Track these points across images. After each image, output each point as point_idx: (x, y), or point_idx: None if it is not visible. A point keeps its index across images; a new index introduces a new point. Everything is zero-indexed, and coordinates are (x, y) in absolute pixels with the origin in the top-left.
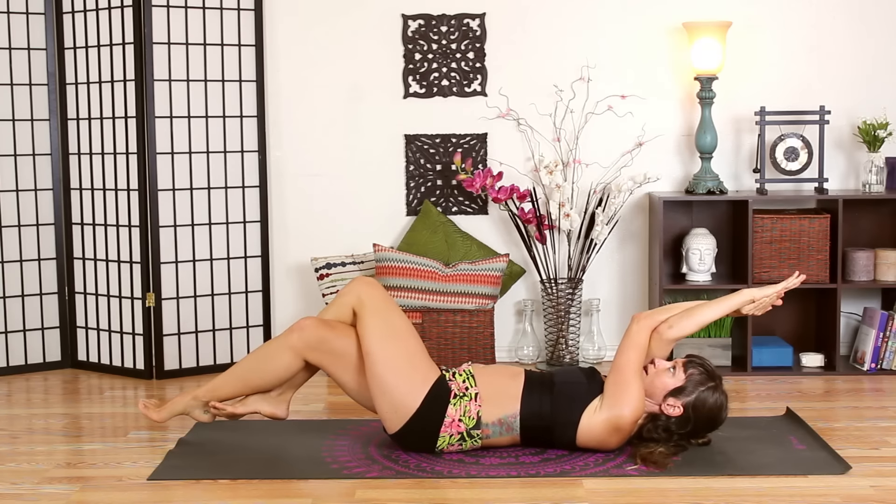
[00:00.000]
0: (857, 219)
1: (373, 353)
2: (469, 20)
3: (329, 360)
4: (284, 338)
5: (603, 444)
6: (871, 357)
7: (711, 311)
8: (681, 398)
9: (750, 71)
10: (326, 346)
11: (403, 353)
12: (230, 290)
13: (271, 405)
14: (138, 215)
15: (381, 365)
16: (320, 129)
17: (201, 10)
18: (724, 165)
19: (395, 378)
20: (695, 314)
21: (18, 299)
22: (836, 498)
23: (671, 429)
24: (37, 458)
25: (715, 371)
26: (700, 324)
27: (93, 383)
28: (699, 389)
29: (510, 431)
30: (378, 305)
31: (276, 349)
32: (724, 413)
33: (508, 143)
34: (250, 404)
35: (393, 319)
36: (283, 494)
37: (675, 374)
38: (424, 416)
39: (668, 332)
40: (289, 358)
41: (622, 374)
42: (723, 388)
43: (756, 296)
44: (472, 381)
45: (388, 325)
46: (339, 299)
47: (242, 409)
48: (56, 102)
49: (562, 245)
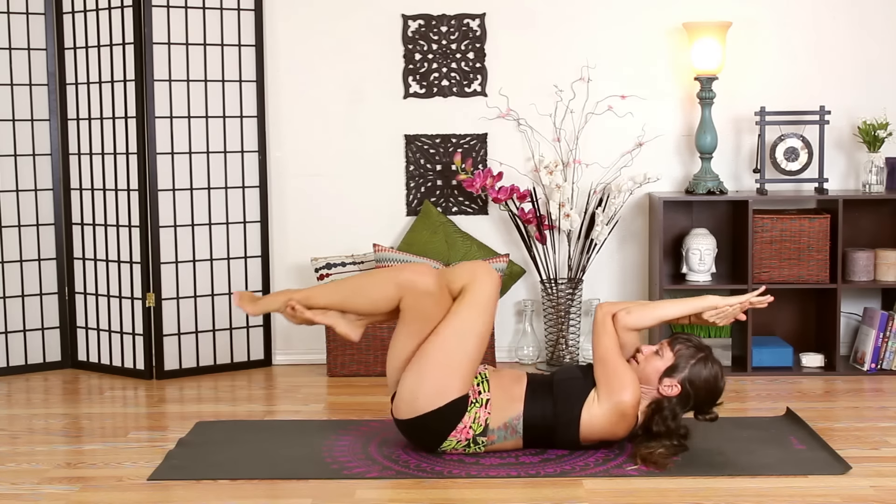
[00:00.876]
0: (857, 219)
1: (441, 337)
2: (469, 20)
3: (415, 314)
4: (396, 272)
5: (611, 434)
6: (871, 357)
7: (672, 308)
8: (675, 376)
9: (750, 71)
10: (427, 300)
11: (463, 356)
12: (230, 290)
13: (348, 326)
14: (138, 215)
15: (439, 351)
16: (320, 130)
17: (201, 10)
18: (724, 165)
19: (438, 370)
20: (655, 307)
21: (18, 299)
22: (836, 498)
23: (677, 411)
24: (37, 459)
25: (702, 342)
26: (659, 318)
27: (93, 383)
28: (690, 363)
29: (514, 435)
30: (483, 302)
31: (384, 280)
32: (721, 381)
33: (508, 144)
34: (330, 317)
35: (481, 322)
36: (283, 494)
37: (663, 355)
38: (441, 417)
39: (626, 318)
40: (391, 293)
41: (607, 362)
42: (714, 357)
43: (719, 304)
44: (486, 386)
45: (473, 324)
46: (457, 271)
47: (322, 318)
48: (56, 102)
49: (562, 245)
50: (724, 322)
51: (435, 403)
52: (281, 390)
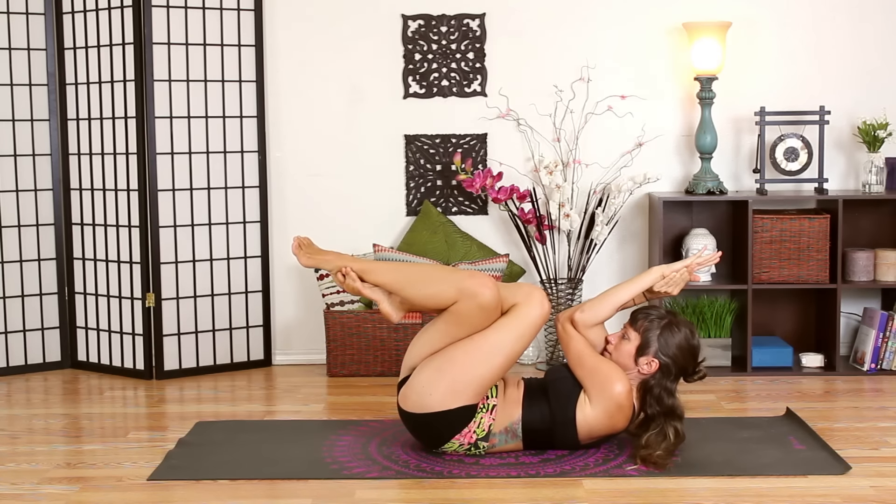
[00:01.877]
0: (857, 219)
1: (475, 343)
2: (469, 20)
3: (463, 319)
4: (461, 278)
5: (611, 427)
6: (871, 357)
7: (623, 292)
8: (648, 353)
9: (750, 71)
10: (480, 313)
11: (487, 370)
12: (230, 290)
13: (392, 305)
14: (138, 215)
15: (468, 356)
16: (320, 130)
17: (201, 10)
18: (724, 165)
19: (460, 374)
20: (607, 297)
21: (18, 299)
22: (836, 498)
23: (667, 385)
24: (37, 459)
25: (663, 309)
26: (613, 305)
27: (93, 383)
28: (657, 334)
29: (514, 438)
30: (526, 325)
31: (447, 281)
32: (694, 339)
33: (508, 144)
34: (377, 293)
35: (517, 345)
36: (283, 494)
37: (629, 337)
38: (447, 419)
39: (581, 316)
40: (451, 295)
41: (585, 363)
42: (679, 319)
43: (666, 272)
44: (494, 392)
45: (510, 343)
46: (516, 288)
47: (369, 291)
48: (56, 102)
49: (562, 245)
50: (677, 289)
51: (444, 405)
52: (281, 390)
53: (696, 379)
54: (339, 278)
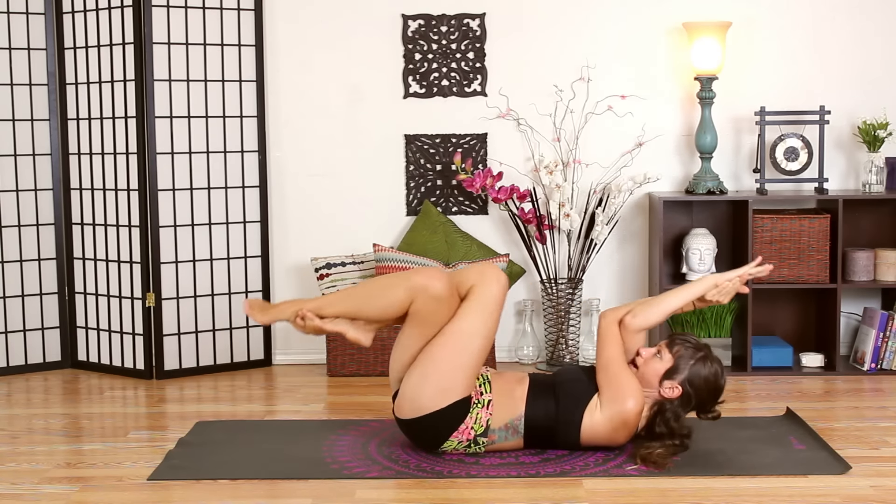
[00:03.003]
0: (857, 219)
1: (447, 338)
2: (469, 20)
3: (424, 317)
4: (407, 277)
5: (611, 441)
6: (871, 357)
7: (675, 299)
8: (676, 377)
9: (750, 71)
10: (436, 305)
11: (467, 358)
12: (230, 290)
13: (358, 331)
14: (138, 215)
15: (445, 350)
16: (320, 129)
17: (201, 10)
18: (724, 165)
19: (443, 370)
20: (658, 302)
21: (18, 299)
22: (836, 498)
23: (679, 413)
24: (37, 458)
25: (700, 342)
26: (664, 312)
27: (93, 383)
28: (690, 364)
29: (515, 435)
30: (489, 305)
31: (396, 285)
32: (722, 379)
33: (508, 143)
34: (339, 325)
35: (487, 325)
36: (283, 494)
37: (662, 357)
38: (442, 418)
39: (633, 321)
40: (403, 298)
41: (610, 370)
42: (713, 355)
43: (719, 281)
44: (488, 387)
45: (479, 327)
46: (466, 273)
47: (332, 326)
48: (56, 102)
49: (562, 245)
50: (727, 299)
51: (438, 404)
52: (281, 390)
53: (710, 417)
54: (299, 323)
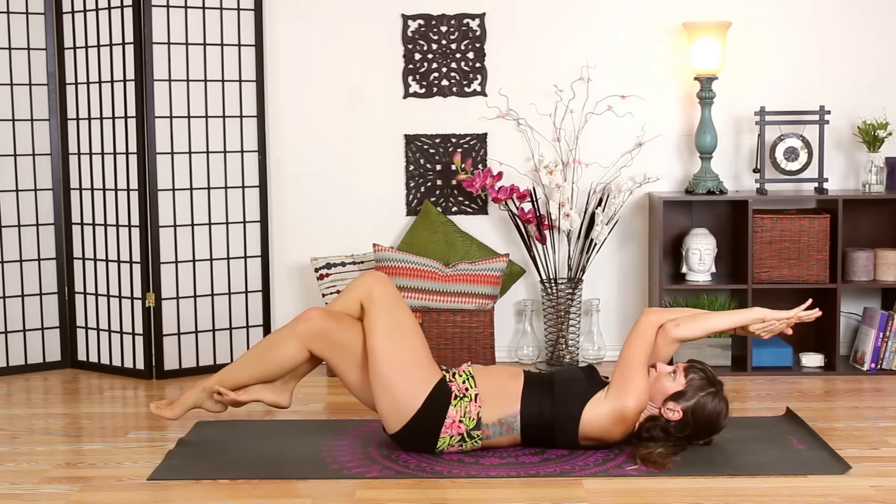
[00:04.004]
0: (857, 219)
1: (377, 350)
2: (469, 20)
3: (333, 353)
4: (291, 327)
5: (607, 434)
6: (871, 357)
7: (721, 321)
8: (681, 403)
9: (750, 71)
10: (331, 337)
11: (408, 352)
12: (230, 290)
13: (274, 393)
14: (138, 215)
15: (384, 362)
16: (320, 129)
17: (201, 10)
18: (724, 165)
19: (397, 376)
20: (704, 319)
21: (18, 299)
22: (836, 498)
23: (669, 430)
24: (37, 458)
25: (716, 378)
26: (707, 329)
27: (93, 383)
28: (699, 395)
29: (511, 431)
30: (387, 302)
31: (283, 338)
32: (723, 420)
33: (508, 143)
34: (253, 392)
35: (400, 317)
36: (283, 494)
37: (675, 378)
38: (425, 416)
39: (675, 330)
40: (294, 347)
41: (628, 366)
42: (723, 394)
43: (767, 317)
44: (472, 382)
45: (394, 322)
46: (347, 292)
47: (245, 396)
48: (56, 102)
49: (562, 245)
50: (770, 335)
51: (415, 405)
52: None
53: (701, 444)
54: (216, 399)
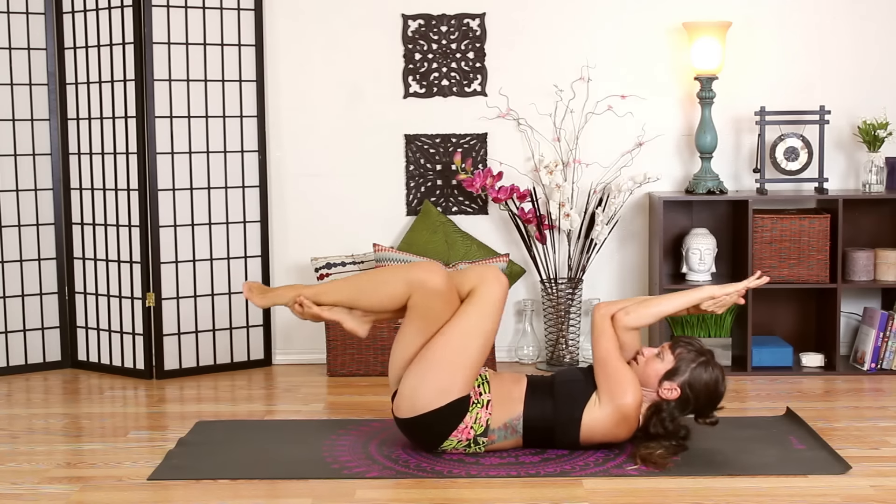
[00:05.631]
0: (857, 219)
1: (446, 335)
2: (469, 20)
3: (422, 311)
4: (406, 271)
5: (612, 436)
6: (871, 357)
7: (670, 303)
8: (675, 379)
9: (750, 71)
10: (435, 299)
11: (467, 356)
12: (230, 290)
13: (355, 322)
14: (138, 215)
15: (443, 349)
16: (320, 129)
17: (201, 10)
18: (724, 165)
19: (442, 369)
20: (653, 304)
21: (18, 299)
22: (836, 498)
23: (675, 415)
24: (37, 458)
25: (704, 346)
26: (658, 314)
27: (93, 383)
28: (691, 367)
29: (514, 434)
30: (490, 305)
31: (394, 277)
32: (722, 385)
33: (508, 143)
34: (336, 313)
35: (487, 324)
36: (283, 494)
37: (663, 358)
38: (442, 417)
39: (625, 319)
40: (401, 291)
41: (607, 365)
42: (715, 361)
43: (716, 294)
44: (486, 387)
45: (479, 326)
46: (468, 273)
47: (328, 314)
48: (56, 102)
49: (562, 245)
50: (722, 310)
51: (436, 403)
52: (281, 390)
53: (707, 423)
54: (298, 310)
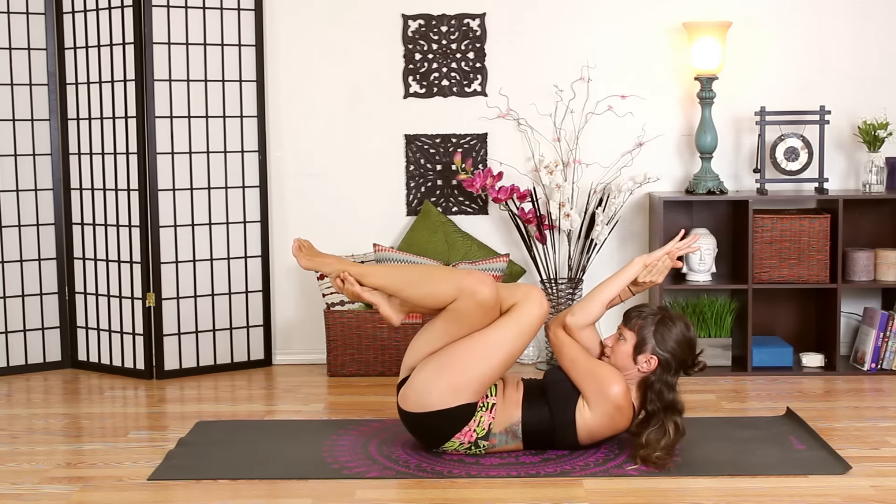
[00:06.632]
0: (857, 219)
1: (475, 340)
2: (469, 20)
3: (462, 316)
4: (459, 278)
5: (613, 429)
6: (872, 357)
7: (609, 288)
8: (646, 351)
9: (750, 71)
10: (478, 310)
11: (487, 367)
12: (230, 290)
13: (392, 309)
14: (138, 215)
15: (466, 352)
16: (320, 129)
17: (201, 10)
18: (724, 165)
19: (459, 371)
20: (593, 296)
21: (18, 299)
22: (836, 498)
23: (667, 381)
24: (37, 458)
25: (655, 308)
26: (601, 302)
27: (93, 383)
28: (652, 331)
29: (514, 439)
30: (526, 323)
31: (445, 279)
32: (690, 332)
33: (508, 143)
34: (376, 296)
35: (517, 342)
36: (283, 494)
37: (624, 337)
38: (447, 418)
39: (573, 320)
40: (449, 294)
41: (580, 367)
42: (672, 313)
43: (648, 261)
44: (493, 390)
45: (510, 342)
46: (514, 290)
47: (368, 295)
48: (56, 102)
49: (562, 245)
50: (661, 277)
51: (444, 402)
52: (281, 390)
53: (696, 371)
54: (339, 283)
